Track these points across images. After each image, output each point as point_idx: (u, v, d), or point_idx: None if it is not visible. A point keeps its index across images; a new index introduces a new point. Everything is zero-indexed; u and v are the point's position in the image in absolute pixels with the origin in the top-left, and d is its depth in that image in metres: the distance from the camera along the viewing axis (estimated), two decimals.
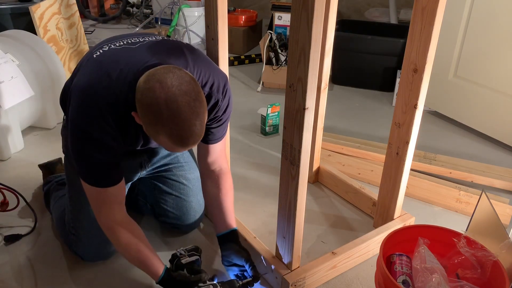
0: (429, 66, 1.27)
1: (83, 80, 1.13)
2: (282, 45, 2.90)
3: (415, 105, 1.32)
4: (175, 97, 1.00)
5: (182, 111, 1.01)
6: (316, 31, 0.96)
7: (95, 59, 1.17)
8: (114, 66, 1.12)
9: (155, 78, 1.02)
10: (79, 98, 1.12)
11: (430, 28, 1.21)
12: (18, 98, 1.93)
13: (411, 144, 1.38)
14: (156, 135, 1.06)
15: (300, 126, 1.06)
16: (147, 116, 1.03)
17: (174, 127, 1.02)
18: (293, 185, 1.15)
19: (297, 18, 0.97)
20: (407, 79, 1.32)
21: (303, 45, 0.98)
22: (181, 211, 1.49)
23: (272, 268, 1.31)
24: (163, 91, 1.00)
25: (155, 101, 1.00)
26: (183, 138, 1.04)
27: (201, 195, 1.50)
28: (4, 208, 1.55)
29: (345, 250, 1.38)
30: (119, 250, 1.25)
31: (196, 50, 1.25)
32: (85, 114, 1.11)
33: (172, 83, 1.01)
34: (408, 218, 1.53)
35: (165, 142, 1.06)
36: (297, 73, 1.02)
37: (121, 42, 1.21)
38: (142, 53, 1.15)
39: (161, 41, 1.23)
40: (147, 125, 1.05)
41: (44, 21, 2.38)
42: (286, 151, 1.14)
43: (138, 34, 1.28)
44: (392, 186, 1.47)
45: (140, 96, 1.03)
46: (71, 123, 1.13)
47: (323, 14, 0.95)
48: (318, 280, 1.34)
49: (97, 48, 1.21)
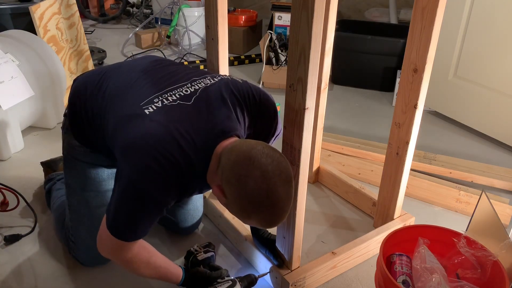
0: (429, 66, 1.27)
1: (148, 138, 1.05)
2: (282, 45, 2.90)
3: (415, 105, 1.32)
4: (277, 188, 0.98)
5: (281, 201, 1.00)
6: (316, 31, 0.96)
7: (150, 117, 1.09)
8: (178, 132, 1.06)
9: (254, 165, 0.98)
10: (143, 160, 1.04)
11: (430, 28, 1.21)
12: (18, 98, 1.93)
13: (411, 144, 1.38)
14: (242, 218, 1.06)
15: (300, 126, 1.06)
16: (240, 200, 1.01)
17: (268, 214, 1.01)
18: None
19: (297, 18, 0.97)
20: (407, 79, 1.32)
21: (303, 45, 0.98)
22: (178, 218, 1.48)
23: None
24: (265, 182, 0.98)
25: (255, 192, 0.98)
26: (274, 222, 1.05)
27: (200, 201, 1.52)
28: (4, 208, 1.55)
29: (345, 250, 1.38)
30: (139, 274, 1.20)
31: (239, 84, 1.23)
32: (149, 178, 1.04)
33: (273, 172, 0.98)
34: (408, 218, 1.53)
35: (253, 223, 1.06)
36: (297, 73, 1.02)
37: (173, 96, 1.14)
38: (203, 114, 1.12)
39: (209, 88, 1.18)
40: (236, 209, 1.04)
41: (44, 21, 2.38)
42: (286, 151, 1.14)
43: (177, 76, 1.22)
44: (392, 186, 1.47)
45: (234, 180, 1.00)
46: (129, 181, 1.05)
47: (323, 14, 0.95)
48: (318, 280, 1.34)
49: (145, 100, 1.13)
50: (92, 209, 1.32)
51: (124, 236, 1.08)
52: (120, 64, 1.36)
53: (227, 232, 1.53)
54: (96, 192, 1.33)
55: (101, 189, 1.33)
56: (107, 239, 1.09)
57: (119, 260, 1.15)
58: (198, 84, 1.20)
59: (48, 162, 1.75)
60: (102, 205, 1.32)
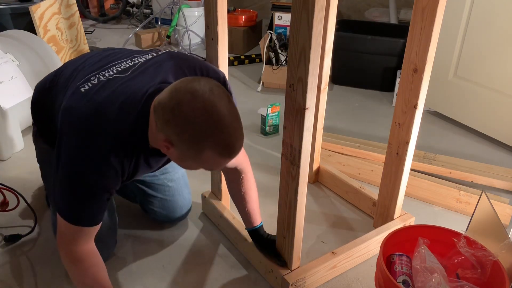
0: (429, 66, 1.27)
1: (76, 119, 1.03)
2: (282, 45, 2.90)
3: (415, 105, 1.32)
4: (214, 103, 0.92)
5: (224, 117, 0.93)
6: (316, 31, 0.95)
7: (84, 94, 1.05)
8: (111, 105, 1.01)
9: (181, 91, 0.93)
10: (78, 139, 1.01)
11: (430, 28, 1.20)
12: (18, 98, 1.93)
13: (411, 144, 1.38)
14: (198, 155, 0.97)
15: (300, 126, 1.06)
16: (184, 134, 0.94)
17: (219, 136, 0.94)
18: (293, 185, 1.15)
19: (297, 18, 0.97)
20: (407, 79, 1.32)
21: (303, 45, 0.98)
22: (168, 210, 1.50)
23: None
24: (198, 99, 0.91)
25: (192, 114, 0.91)
26: (231, 146, 0.96)
27: (187, 190, 1.54)
28: (4, 208, 1.55)
29: (345, 250, 1.38)
30: (76, 281, 1.12)
31: (185, 55, 1.20)
32: (86, 157, 1.00)
33: (204, 90, 0.92)
34: (408, 218, 1.53)
35: (210, 158, 0.97)
36: (297, 73, 1.02)
37: (110, 72, 1.10)
38: (137, 82, 1.07)
39: (149, 61, 1.14)
40: (186, 146, 0.96)
41: (44, 21, 2.38)
42: (286, 151, 1.14)
43: (120, 55, 1.19)
44: (392, 186, 1.47)
45: (170, 115, 0.94)
46: (66, 161, 1.02)
47: (323, 14, 0.95)
48: (318, 280, 1.34)
49: (82, 79, 1.10)
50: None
51: (71, 218, 1.04)
52: (75, 59, 1.32)
53: (227, 232, 1.53)
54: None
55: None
56: (61, 224, 1.07)
57: (68, 254, 1.09)
58: (138, 59, 1.15)
59: None
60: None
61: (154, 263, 1.43)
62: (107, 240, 1.36)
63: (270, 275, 1.33)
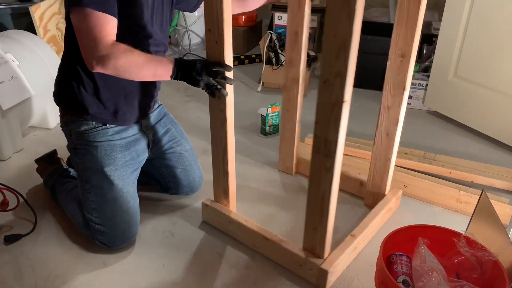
0: (415, 52, 1.38)
1: None
2: (282, 45, 2.90)
3: (404, 87, 1.43)
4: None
5: None
6: (357, 24, 0.99)
7: None
8: None
9: None
10: None
11: (416, 16, 1.30)
12: (18, 98, 1.93)
13: (399, 124, 1.51)
14: None
15: (337, 119, 1.09)
16: None
17: None
18: (328, 176, 1.18)
19: (335, 12, 0.99)
20: (395, 64, 1.43)
21: (343, 39, 1.00)
22: (189, 179, 1.69)
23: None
24: None
25: None
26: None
27: (198, 162, 1.74)
28: (4, 208, 1.55)
29: (361, 230, 1.44)
30: (135, 71, 1.22)
31: None
32: None
33: None
34: (397, 191, 1.66)
35: None
36: (335, 67, 1.05)
37: None
38: None
39: None
40: None
41: (44, 21, 2.38)
42: (319, 145, 1.16)
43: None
44: (383, 164, 1.58)
45: None
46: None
47: (363, 7, 1.00)
48: (344, 264, 1.40)
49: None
50: (114, 182, 1.42)
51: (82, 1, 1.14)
52: None
53: (240, 236, 1.51)
54: (115, 165, 1.42)
55: (118, 162, 1.43)
56: (79, 23, 1.18)
57: (112, 56, 1.18)
58: None
59: (45, 157, 1.76)
60: (121, 175, 1.43)
61: (154, 263, 1.43)
62: (132, 221, 1.47)
63: (302, 268, 1.35)
